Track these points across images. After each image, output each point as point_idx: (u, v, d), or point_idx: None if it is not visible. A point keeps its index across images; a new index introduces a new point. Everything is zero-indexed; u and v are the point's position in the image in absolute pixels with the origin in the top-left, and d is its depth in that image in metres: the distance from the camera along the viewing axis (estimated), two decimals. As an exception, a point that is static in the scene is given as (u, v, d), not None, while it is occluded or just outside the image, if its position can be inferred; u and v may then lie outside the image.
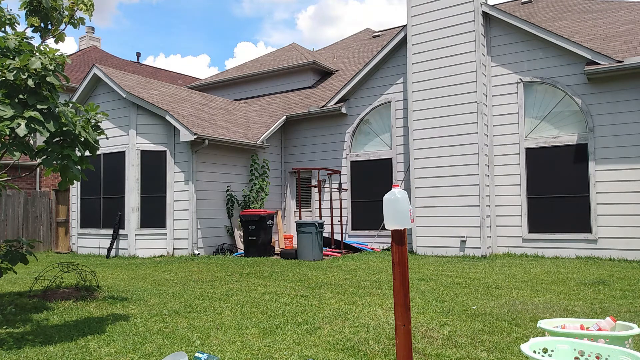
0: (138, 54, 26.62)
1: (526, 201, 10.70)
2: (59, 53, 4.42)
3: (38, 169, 15.63)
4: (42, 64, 4.14)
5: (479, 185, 10.59)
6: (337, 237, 12.87)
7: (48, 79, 4.19)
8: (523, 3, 15.22)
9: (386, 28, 21.30)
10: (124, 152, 12.24)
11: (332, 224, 12.02)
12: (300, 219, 13.24)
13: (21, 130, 3.95)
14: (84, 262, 9.92)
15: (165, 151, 12.11)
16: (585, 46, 10.22)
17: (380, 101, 12.82)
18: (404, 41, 12.17)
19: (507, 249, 10.89)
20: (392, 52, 12.58)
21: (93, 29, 25.42)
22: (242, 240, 12.61)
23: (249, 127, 14.35)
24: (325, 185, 13.57)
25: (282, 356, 3.77)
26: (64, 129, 4.36)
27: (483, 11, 11.06)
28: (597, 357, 2.60)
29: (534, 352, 2.70)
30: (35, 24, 5.83)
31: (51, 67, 4.20)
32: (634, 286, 6.53)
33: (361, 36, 20.13)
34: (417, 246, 11.33)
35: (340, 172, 13.16)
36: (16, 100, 4.20)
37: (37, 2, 5.71)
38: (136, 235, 11.94)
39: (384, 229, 11.88)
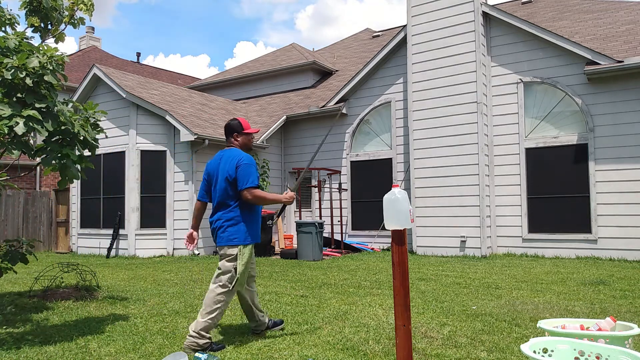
0: (138, 54, 26.66)
1: (526, 201, 10.69)
2: (58, 52, 4.41)
3: (38, 168, 15.62)
4: (39, 62, 4.14)
5: (479, 185, 10.59)
6: (337, 237, 12.86)
7: (46, 77, 4.18)
8: (523, 3, 15.21)
9: (386, 28, 21.29)
10: (124, 152, 12.24)
11: (332, 224, 12.01)
12: (300, 219, 13.24)
13: (19, 129, 3.94)
14: (84, 262, 9.90)
15: (165, 151, 12.11)
16: (585, 46, 10.21)
17: (380, 101, 12.82)
18: (404, 41, 12.16)
19: (507, 249, 10.88)
20: (392, 52, 12.58)
21: (93, 29, 25.43)
22: (242, 240, 12.59)
23: (249, 127, 14.33)
24: (325, 185, 13.56)
25: (282, 356, 3.77)
26: (63, 127, 4.35)
27: (483, 11, 11.05)
28: (597, 357, 2.60)
29: (534, 352, 2.69)
30: (35, 24, 5.82)
31: (50, 67, 4.19)
32: (634, 286, 6.52)
33: (361, 36, 20.13)
34: (417, 246, 11.32)
35: (340, 172, 13.15)
36: (14, 99, 4.19)
37: (37, 2, 5.70)
38: (136, 235, 11.94)
39: (384, 229, 11.87)
